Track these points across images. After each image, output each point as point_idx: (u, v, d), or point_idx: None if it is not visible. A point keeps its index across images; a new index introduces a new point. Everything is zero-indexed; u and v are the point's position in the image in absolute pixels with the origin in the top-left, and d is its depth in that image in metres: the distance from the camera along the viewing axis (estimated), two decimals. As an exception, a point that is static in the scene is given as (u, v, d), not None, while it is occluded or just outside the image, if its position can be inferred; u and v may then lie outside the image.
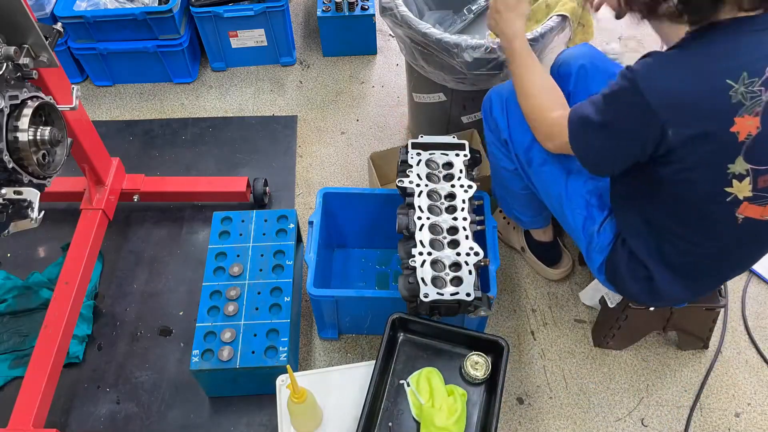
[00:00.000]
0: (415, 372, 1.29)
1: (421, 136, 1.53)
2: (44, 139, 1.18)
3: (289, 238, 1.61)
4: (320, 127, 2.17)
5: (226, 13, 2.14)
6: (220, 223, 1.64)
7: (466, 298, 1.26)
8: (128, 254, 1.85)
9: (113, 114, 2.24)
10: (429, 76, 1.68)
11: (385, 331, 1.30)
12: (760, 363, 1.59)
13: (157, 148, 2.12)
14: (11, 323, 1.69)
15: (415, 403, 1.25)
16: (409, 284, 1.29)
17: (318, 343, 1.65)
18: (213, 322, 1.46)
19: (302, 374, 1.36)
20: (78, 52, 2.20)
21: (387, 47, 2.43)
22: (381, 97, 2.26)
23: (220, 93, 2.29)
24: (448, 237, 1.36)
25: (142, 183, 1.85)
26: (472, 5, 1.91)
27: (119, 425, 1.53)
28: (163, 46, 2.17)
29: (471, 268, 1.30)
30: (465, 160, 1.49)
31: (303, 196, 1.98)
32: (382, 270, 1.76)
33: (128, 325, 1.70)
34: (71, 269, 1.58)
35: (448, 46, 1.51)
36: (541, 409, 1.53)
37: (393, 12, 1.59)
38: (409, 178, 1.45)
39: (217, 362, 1.40)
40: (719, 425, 1.50)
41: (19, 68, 1.17)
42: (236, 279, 1.54)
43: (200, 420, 1.53)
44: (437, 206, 1.41)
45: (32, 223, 1.17)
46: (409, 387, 1.26)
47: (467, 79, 1.60)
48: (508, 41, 1.35)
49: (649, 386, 1.56)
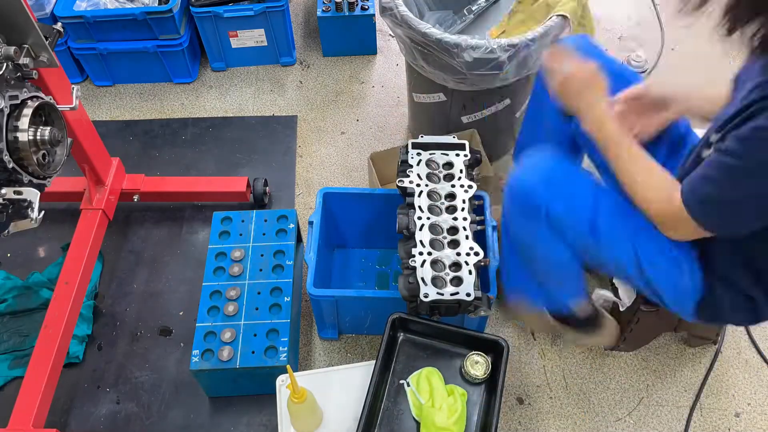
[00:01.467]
0: (416, 372, 1.29)
1: (422, 136, 1.53)
2: (44, 139, 1.18)
3: (289, 238, 1.61)
4: (320, 127, 2.17)
5: (226, 13, 2.14)
6: (220, 223, 1.64)
7: (466, 298, 1.26)
8: (128, 254, 1.85)
9: (113, 114, 2.24)
10: (429, 76, 1.69)
11: (385, 330, 1.30)
12: (760, 363, 1.59)
13: (157, 148, 2.12)
14: (11, 323, 1.69)
15: (415, 402, 1.25)
16: (409, 284, 1.29)
17: (318, 343, 1.65)
18: (213, 322, 1.46)
19: (302, 374, 1.36)
20: (78, 52, 2.20)
21: (387, 47, 2.43)
22: (381, 97, 2.26)
23: (220, 93, 2.29)
24: (448, 237, 1.36)
25: (142, 183, 1.85)
26: (472, 6, 1.92)
27: (119, 425, 1.53)
28: (163, 46, 2.17)
29: (471, 268, 1.30)
30: (465, 160, 1.49)
31: (303, 196, 1.98)
32: (382, 270, 1.76)
33: (128, 325, 1.70)
34: (71, 269, 1.58)
35: (448, 46, 1.51)
36: (541, 409, 1.53)
37: (393, 12, 1.59)
38: (409, 178, 1.45)
39: (217, 362, 1.40)
40: (719, 425, 1.50)
41: (19, 68, 1.17)
42: (236, 279, 1.54)
43: (200, 420, 1.53)
44: (437, 206, 1.41)
45: (32, 223, 1.18)
46: (409, 387, 1.26)
47: (467, 80, 1.60)
48: (597, 128, 1.17)
49: (649, 386, 1.56)
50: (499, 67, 1.53)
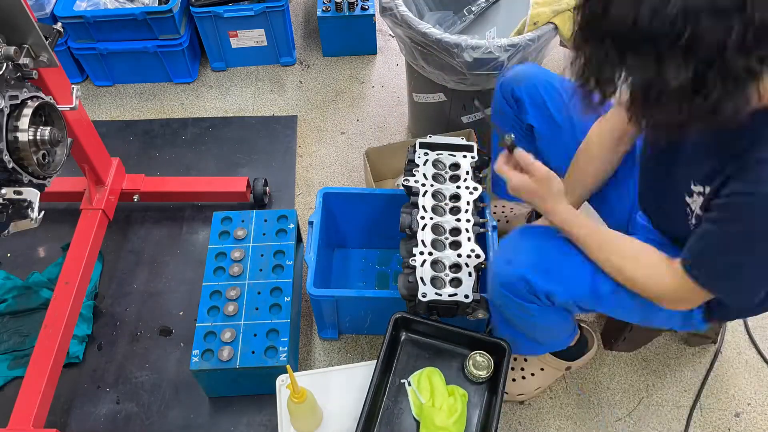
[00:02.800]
0: (417, 371, 1.29)
1: (430, 136, 1.53)
2: (44, 139, 1.18)
3: (289, 238, 1.61)
4: (320, 127, 2.17)
5: (226, 13, 2.14)
6: (220, 223, 1.64)
7: (464, 299, 1.26)
8: (128, 254, 1.85)
9: (113, 114, 2.23)
10: (429, 76, 1.69)
11: (387, 329, 1.30)
12: (760, 363, 1.59)
13: (157, 148, 2.12)
14: (11, 323, 1.69)
15: (415, 402, 1.25)
16: (409, 283, 1.29)
17: (318, 343, 1.65)
18: (213, 322, 1.46)
19: (302, 374, 1.36)
20: (78, 52, 2.20)
21: (387, 47, 2.43)
22: (381, 97, 2.26)
23: (220, 93, 2.29)
24: (450, 238, 1.36)
25: (142, 183, 1.85)
26: (472, 6, 1.91)
27: (119, 425, 1.53)
28: (163, 46, 2.17)
29: (471, 270, 1.30)
30: (472, 161, 1.49)
31: (303, 196, 1.97)
32: (382, 270, 1.76)
33: (128, 325, 1.70)
34: (71, 269, 1.58)
35: (448, 46, 1.51)
36: (541, 409, 1.53)
37: (393, 12, 1.59)
38: (414, 177, 1.45)
39: (217, 362, 1.40)
40: (719, 425, 1.50)
41: (19, 68, 1.17)
42: (236, 279, 1.54)
43: (200, 420, 1.53)
44: (441, 207, 1.41)
45: (32, 223, 1.17)
46: (410, 386, 1.26)
47: (467, 80, 1.60)
48: (564, 228, 1.15)
49: (649, 386, 1.56)
50: (498, 68, 1.53)
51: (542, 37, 1.54)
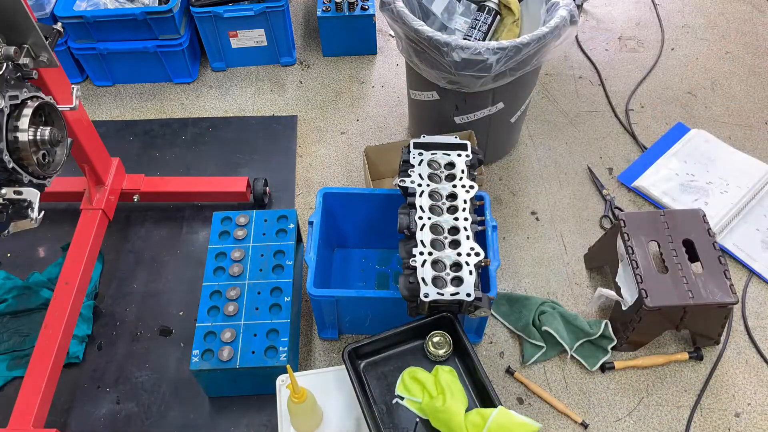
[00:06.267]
0: (398, 381, 1.29)
1: (424, 136, 1.53)
2: (44, 139, 1.18)
3: (289, 238, 1.61)
4: (320, 127, 2.17)
5: (226, 13, 2.15)
6: (220, 223, 1.64)
7: (467, 298, 1.26)
8: (128, 254, 1.85)
9: (113, 114, 2.24)
10: (422, 73, 1.68)
11: (346, 369, 1.28)
12: (760, 363, 1.59)
13: (157, 148, 2.12)
14: (11, 323, 1.69)
15: (415, 406, 1.25)
16: (410, 284, 1.29)
17: (318, 343, 1.65)
18: (213, 322, 1.46)
19: (302, 374, 1.36)
20: (78, 52, 2.20)
21: (387, 47, 2.43)
22: (381, 97, 2.26)
23: (220, 93, 2.29)
24: (449, 237, 1.36)
25: (142, 183, 1.85)
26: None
27: (119, 425, 1.53)
28: (163, 46, 2.17)
29: (471, 268, 1.30)
30: (467, 160, 1.49)
31: (303, 196, 1.98)
32: (382, 270, 1.76)
33: (128, 325, 1.70)
34: (71, 269, 1.58)
35: (438, 44, 1.51)
36: (541, 409, 1.53)
37: (390, 7, 1.59)
38: (410, 178, 1.45)
39: (217, 362, 1.40)
40: (719, 425, 1.50)
41: (19, 68, 1.17)
42: (236, 279, 1.54)
43: (200, 420, 1.53)
44: (438, 206, 1.41)
45: (32, 223, 1.17)
46: (403, 400, 1.27)
47: (455, 80, 1.59)
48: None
49: (649, 386, 1.56)
50: (486, 70, 1.52)
51: (534, 42, 1.52)
